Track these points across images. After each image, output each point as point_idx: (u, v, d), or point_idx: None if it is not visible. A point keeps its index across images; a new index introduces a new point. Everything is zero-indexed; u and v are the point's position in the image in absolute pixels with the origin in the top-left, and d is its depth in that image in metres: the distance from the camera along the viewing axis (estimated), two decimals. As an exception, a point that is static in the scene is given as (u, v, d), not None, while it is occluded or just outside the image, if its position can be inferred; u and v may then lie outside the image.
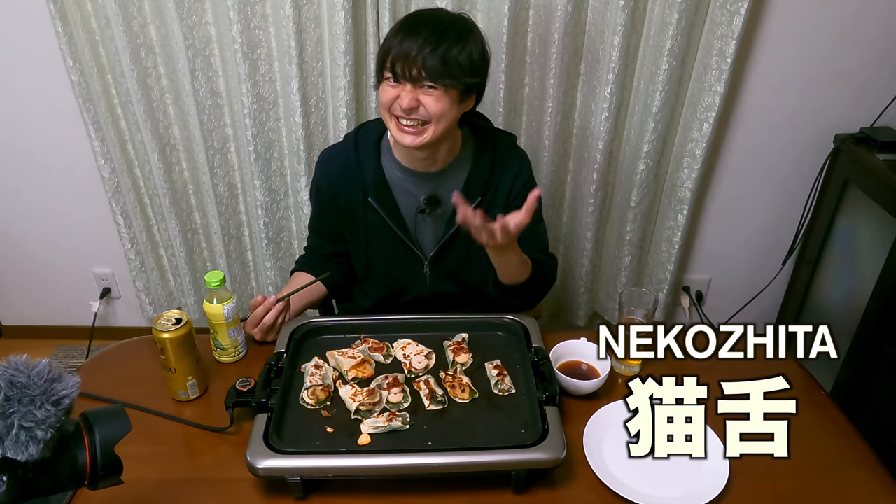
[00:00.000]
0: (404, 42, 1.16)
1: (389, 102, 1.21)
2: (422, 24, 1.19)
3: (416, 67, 1.16)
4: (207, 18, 1.80)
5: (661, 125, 1.88)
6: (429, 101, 1.19)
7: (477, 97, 1.29)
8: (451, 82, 1.18)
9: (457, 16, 1.24)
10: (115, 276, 2.36)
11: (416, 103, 1.19)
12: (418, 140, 1.22)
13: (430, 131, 1.21)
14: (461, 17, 1.24)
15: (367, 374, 1.17)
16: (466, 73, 1.19)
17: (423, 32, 1.16)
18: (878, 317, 1.77)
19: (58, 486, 0.74)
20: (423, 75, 1.16)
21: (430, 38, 1.15)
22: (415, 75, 1.17)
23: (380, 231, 1.36)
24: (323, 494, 1.01)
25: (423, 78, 1.17)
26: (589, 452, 1.05)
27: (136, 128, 1.93)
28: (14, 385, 0.68)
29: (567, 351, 1.23)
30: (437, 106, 1.19)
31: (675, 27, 1.72)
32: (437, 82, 1.17)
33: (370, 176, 1.34)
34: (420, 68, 1.16)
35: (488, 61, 1.27)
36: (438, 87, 1.18)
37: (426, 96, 1.19)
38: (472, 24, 1.25)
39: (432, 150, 1.30)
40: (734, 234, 2.23)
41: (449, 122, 1.23)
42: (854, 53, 1.89)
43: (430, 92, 1.18)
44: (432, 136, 1.22)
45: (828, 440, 1.12)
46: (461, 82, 1.19)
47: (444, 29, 1.18)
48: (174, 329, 1.12)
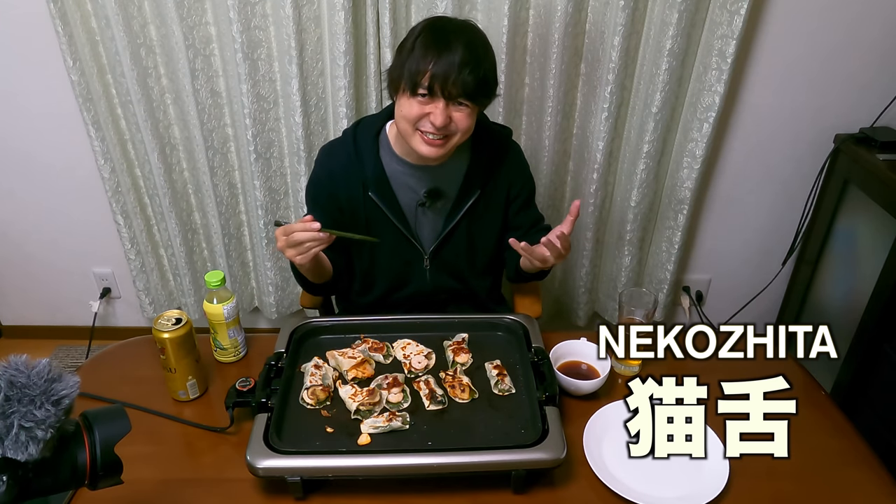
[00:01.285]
0: (441, 61, 1.15)
1: (417, 118, 1.21)
2: (453, 40, 1.17)
3: (457, 88, 1.17)
4: (207, 18, 1.80)
5: (661, 125, 1.88)
6: (460, 118, 1.21)
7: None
8: (485, 100, 1.23)
9: (474, 27, 1.25)
10: (115, 276, 2.36)
11: (448, 120, 1.20)
12: (443, 151, 1.25)
13: (454, 142, 1.25)
14: (477, 28, 1.25)
15: (367, 374, 1.17)
16: (495, 87, 1.23)
17: (457, 51, 1.16)
18: (878, 317, 1.77)
19: (58, 486, 0.74)
20: (461, 94, 1.18)
21: (468, 57, 1.16)
22: (453, 94, 1.18)
23: (380, 225, 1.37)
24: (323, 494, 1.01)
25: (459, 95, 1.18)
26: (589, 452, 1.05)
27: (136, 128, 1.93)
28: (14, 385, 0.69)
29: (567, 351, 1.23)
30: (466, 122, 1.22)
31: (675, 27, 1.72)
32: (473, 101, 1.20)
33: (370, 170, 1.34)
34: (459, 87, 1.17)
35: None
36: (471, 105, 1.20)
37: (457, 112, 1.21)
38: (483, 33, 1.26)
39: None
40: (734, 234, 2.23)
41: (469, 133, 1.26)
42: (854, 54, 1.89)
43: (461, 109, 1.21)
44: (452, 148, 1.26)
45: (828, 440, 1.12)
46: (489, 98, 1.24)
47: (475, 46, 1.19)
48: (174, 329, 1.12)
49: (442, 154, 1.25)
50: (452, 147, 1.25)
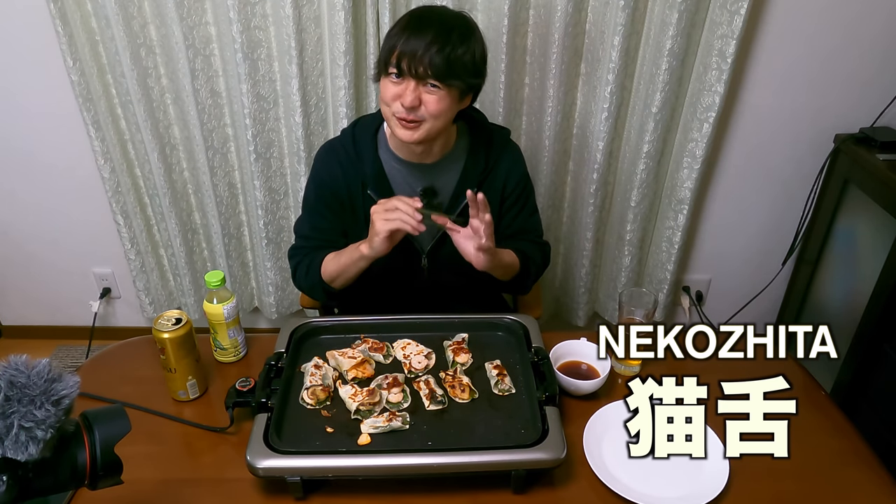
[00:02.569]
0: (411, 39, 1.17)
1: (391, 98, 1.22)
2: (428, 22, 1.20)
3: (423, 66, 1.17)
4: (207, 18, 1.80)
5: (661, 125, 1.88)
6: (430, 101, 1.20)
7: (473, 96, 1.31)
8: (455, 82, 1.20)
9: (460, 15, 1.26)
10: (115, 276, 2.36)
11: (417, 102, 1.20)
12: (415, 135, 1.24)
13: (426, 128, 1.23)
14: (464, 17, 1.26)
15: (367, 374, 1.17)
16: (470, 73, 1.21)
17: (429, 31, 1.17)
18: (878, 317, 1.77)
19: (58, 486, 0.74)
20: (428, 73, 1.17)
21: (437, 37, 1.17)
22: (420, 73, 1.18)
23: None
24: (323, 494, 1.01)
25: (428, 76, 1.18)
26: (589, 452, 1.05)
27: (136, 128, 1.93)
28: (14, 385, 0.69)
29: (567, 351, 1.23)
30: (437, 106, 1.20)
31: (675, 27, 1.72)
32: (442, 82, 1.19)
33: (369, 167, 1.35)
34: (427, 66, 1.17)
35: (486, 61, 1.28)
36: (442, 87, 1.19)
37: (428, 95, 1.20)
38: (473, 23, 1.26)
39: (428, 144, 1.31)
40: (734, 234, 2.23)
41: (445, 121, 1.25)
42: (854, 54, 1.89)
43: (432, 91, 1.20)
44: (427, 134, 1.24)
45: (828, 440, 1.12)
46: (465, 82, 1.21)
47: (450, 28, 1.19)
48: (174, 329, 1.12)
49: (416, 138, 1.24)
50: (428, 133, 1.23)
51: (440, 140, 1.33)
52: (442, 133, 1.28)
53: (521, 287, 1.46)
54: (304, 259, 1.42)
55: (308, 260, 1.41)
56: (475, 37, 1.23)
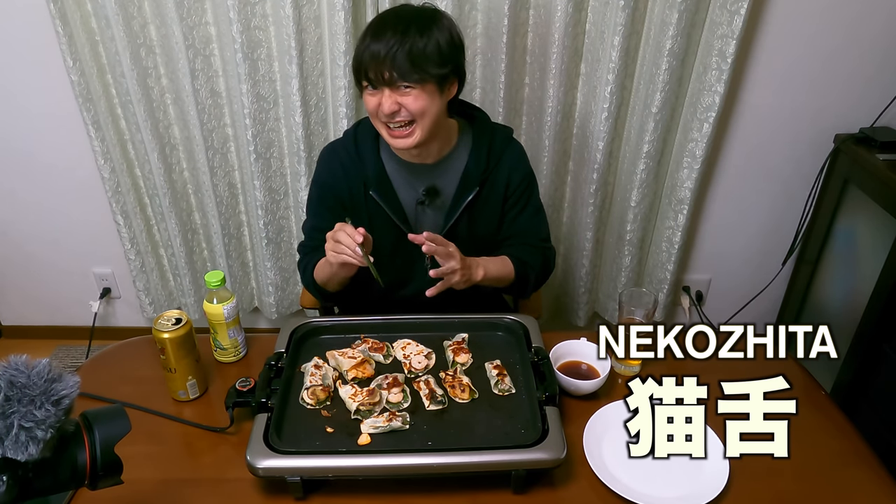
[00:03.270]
0: (371, 46, 1.18)
1: (374, 110, 1.23)
2: (385, 25, 1.20)
3: (387, 70, 1.17)
4: (207, 18, 1.80)
5: (661, 125, 1.88)
6: (408, 101, 1.20)
7: (459, 83, 1.30)
8: (422, 76, 1.18)
9: (420, 8, 1.25)
10: (115, 276, 2.36)
11: (397, 107, 1.20)
12: (410, 142, 1.24)
13: (419, 130, 1.23)
14: (424, 8, 1.25)
15: (367, 374, 1.17)
16: (436, 63, 1.19)
17: (386, 33, 1.17)
18: (878, 317, 1.77)
19: (58, 486, 0.74)
20: (395, 77, 1.17)
21: (394, 36, 1.16)
22: (388, 78, 1.18)
23: (381, 224, 1.37)
24: (323, 494, 1.01)
25: (395, 80, 1.18)
26: (589, 452, 1.05)
27: (136, 128, 1.93)
28: (14, 385, 0.69)
29: (567, 351, 1.23)
30: (417, 104, 1.20)
31: (675, 27, 1.72)
32: (410, 80, 1.18)
33: (371, 169, 1.35)
34: (390, 70, 1.17)
35: (460, 45, 1.26)
36: (413, 86, 1.19)
37: (405, 97, 1.20)
38: (435, 11, 1.25)
39: (424, 145, 1.30)
40: (734, 234, 2.23)
41: (434, 117, 1.24)
42: (854, 53, 1.89)
43: (407, 92, 1.19)
44: (421, 135, 1.24)
45: (828, 440, 1.12)
46: (432, 74, 1.20)
47: (406, 25, 1.18)
48: (174, 329, 1.12)
49: (412, 144, 1.24)
50: (423, 134, 1.23)
51: (438, 139, 1.32)
52: (437, 131, 1.28)
53: (521, 293, 1.46)
54: (304, 258, 1.45)
55: (307, 260, 1.43)
56: (437, 25, 1.21)
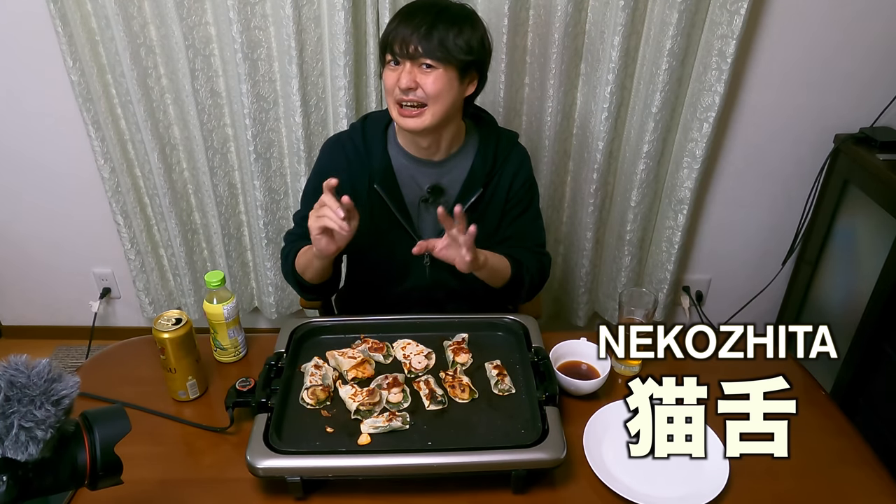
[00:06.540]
0: (402, 25, 1.20)
1: (392, 86, 1.23)
2: (418, 8, 1.23)
3: (413, 45, 1.19)
4: (207, 18, 1.80)
5: (661, 125, 1.88)
6: (427, 81, 1.21)
7: (479, 84, 1.31)
8: (446, 56, 1.20)
9: (456, 3, 1.27)
10: (115, 276, 2.36)
11: (414, 84, 1.21)
12: (419, 122, 1.23)
13: (429, 114, 1.23)
14: (460, 5, 1.27)
15: (367, 374, 1.17)
16: (462, 50, 1.21)
17: (420, 14, 1.20)
18: (878, 317, 1.77)
19: (58, 486, 0.74)
20: (419, 52, 1.19)
21: (427, 17, 1.19)
22: (412, 52, 1.19)
23: (383, 219, 1.37)
24: (323, 494, 1.01)
25: (419, 55, 1.19)
26: (589, 452, 1.05)
27: (136, 128, 1.93)
28: (14, 385, 0.68)
29: (567, 351, 1.23)
30: (434, 86, 1.21)
31: (675, 27, 1.72)
32: (434, 59, 1.19)
33: (377, 162, 1.35)
34: (417, 45, 1.19)
35: (489, 49, 1.29)
36: (436, 66, 1.20)
37: (424, 76, 1.21)
38: (471, 11, 1.27)
39: (435, 137, 1.31)
40: (734, 233, 2.23)
41: (447, 105, 1.24)
42: (854, 53, 1.89)
43: (428, 71, 1.21)
44: (432, 119, 1.23)
45: (828, 440, 1.12)
46: (456, 58, 1.21)
47: (440, 11, 1.21)
48: (174, 329, 1.12)
49: (420, 126, 1.24)
50: (432, 119, 1.23)
51: (447, 134, 1.32)
52: (448, 122, 1.28)
53: (514, 295, 1.43)
54: (288, 245, 1.42)
55: (289, 248, 1.40)
56: (470, 23, 1.23)
